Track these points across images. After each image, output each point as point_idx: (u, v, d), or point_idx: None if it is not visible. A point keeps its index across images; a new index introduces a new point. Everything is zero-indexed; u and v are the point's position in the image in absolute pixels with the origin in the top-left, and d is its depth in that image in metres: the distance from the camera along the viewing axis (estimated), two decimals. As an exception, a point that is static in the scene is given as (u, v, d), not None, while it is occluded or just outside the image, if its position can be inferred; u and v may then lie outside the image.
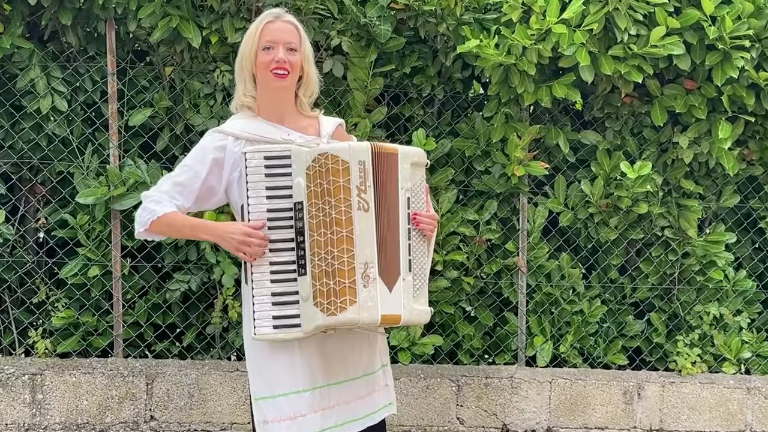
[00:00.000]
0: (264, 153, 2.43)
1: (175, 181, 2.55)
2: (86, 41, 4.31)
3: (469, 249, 4.55)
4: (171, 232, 2.57)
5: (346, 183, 2.39)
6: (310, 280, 2.39)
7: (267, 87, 2.61)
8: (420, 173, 2.56)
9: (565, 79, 4.37)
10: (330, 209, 2.37)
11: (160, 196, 2.54)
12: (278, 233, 2.43)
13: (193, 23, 4.10)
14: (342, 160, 2.39)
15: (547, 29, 4.19)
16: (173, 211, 2.51)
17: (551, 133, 4.61)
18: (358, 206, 2.38)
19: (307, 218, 2.40)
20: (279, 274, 2.42)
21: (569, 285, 4.68)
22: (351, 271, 2.37)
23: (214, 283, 4.34)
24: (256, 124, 2.60)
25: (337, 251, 2.36)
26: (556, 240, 4.76)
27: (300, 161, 2.41)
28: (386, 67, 4.39)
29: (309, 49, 2.67)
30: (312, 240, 2.39)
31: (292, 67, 2.59)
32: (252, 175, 2.41)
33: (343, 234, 2.36)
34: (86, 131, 4.27)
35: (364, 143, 2.44)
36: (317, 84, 2.70)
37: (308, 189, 2.39)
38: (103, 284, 4.24)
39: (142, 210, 2.54)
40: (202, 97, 4.28)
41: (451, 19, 4.32)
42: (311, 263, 2.39)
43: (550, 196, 4.68)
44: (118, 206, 4.18)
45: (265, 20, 2.62)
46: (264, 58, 2.58)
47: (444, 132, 4.60)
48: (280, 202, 2.43)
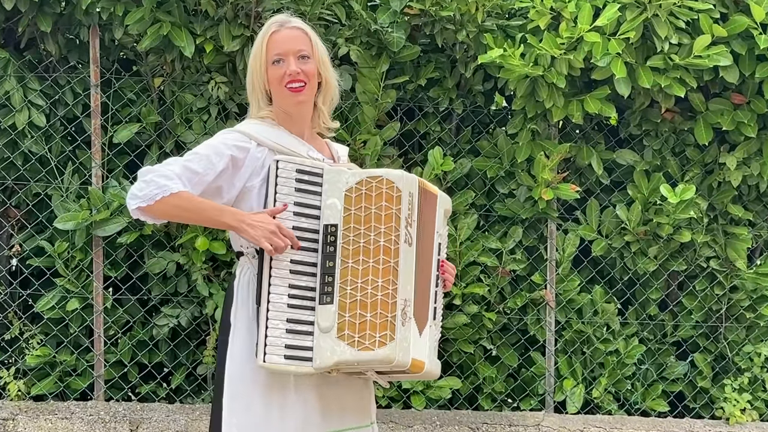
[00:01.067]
0: (297, 165, 2.45)
1: (187, 166, 2.44)
2: (67, 49, 4.31)
3: (491, 281, 4.56)
4: (181, 213, 2.45)
5: (398, 212, 2.43)
6: (336, 310, 2.39)
7: (284, 103, 2.60)
8: (447, 223, 2.69)
9: (599, 92, 4.40)
10: (377, 236, 2.40)
11: (169, 172, 2.41)
12: (302, 255, 2.43)
13: (185, 30, 4.11)
14: (396, 186, 2.42)
15: (579, 37, 4.21)
16: (187, 191, 2.40)
17: (583, 152, 4.63)
18: (405, 239, 2.42)
19: (341, 243, 2.41)
20: (297, 299, 2.40)
21: (603, 322, 4.69)
22: (393, 305, 2.38)
23: (207, 318, 4.32)
24: (278, 133, 2.58)
25: (381, 281, 2.38)
26: (588, 271, 4.76)
27: (335, 182, 2.44)
28: (399, 78, 4.42)
29: (323, 51, 2.65)
30: (345, 267, 2.40)
31: (307, 77, 2.57)
32: (282, 186, 2.42)
33: (390, 264, 2.39)
34: (66, 149, 4.27)
35: (412, 175, 2.48)
36: (337, 89, 2.69)
37: (346, 212, 2.42)
38: (83, 319, 4.22)
39: (146, 183, 2.39)
40: (195, 111, 4.29)
41: (471, 25, 4.33)
42: (340, 292, 2.39)
43: (581, 222, 4.69)
44: (100, 232, 4.17)
45: (269, 32, 2.60)
46: (275, 73, 2.56)
47: (463, 150, 4.62)
48: (306, 222, 2.44)
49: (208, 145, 2.51)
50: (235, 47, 4.13)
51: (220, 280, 4.30)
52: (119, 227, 4.16)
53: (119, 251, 4.25)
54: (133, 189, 2.42)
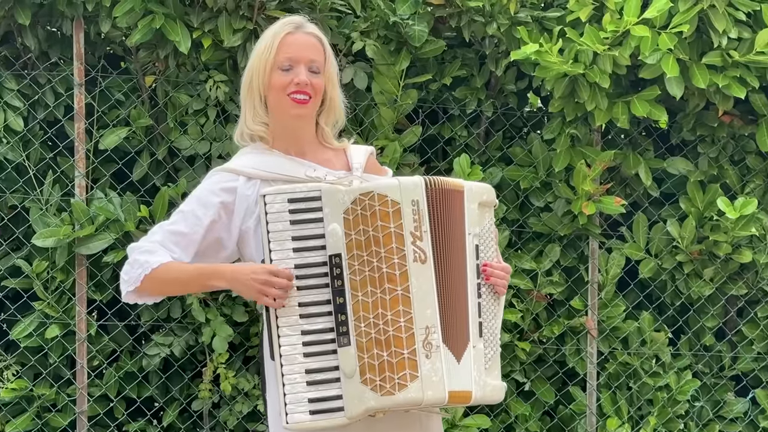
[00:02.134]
0: (288, 194, 2.43)
1: (170, 230, 2.55)
2: (48, 44, 4.30)
3: (525, 306, 4.54)
4: (170, 287, 2.59)
5: (398, 228, 2.40)
6: (355, 351, 2.39)
7: (282, 114, 2.61)
8: (489, 215, 2.61)
9: (648, 93, 4.39)
10: (379, 262, 2.39)
11: (151, 246, 2.53)
12: (310, 295, 2.43)
13: (180, 23, 4.10)
14: (391, 200, 2.40)
15: (625, 31, 4.19)
16: (171, 261, 2.50)
17: (629, 160, 4.61)
18: (414, 257, 2.39)
19: (348, 274, 2.41)
20: (314, 345, 2.41)
21: (652, 353, 4.67)
22: (410, 339, 2.37)
23: (203, 347, 4.30)
24: (272, 159, 2.61)
25: (391, 314, 2.38)
26: (634, 296, 4.76)
27: (334, 203, 2.42)
28: (421, 77, 4.42)
29: (334, 67, 2.69)
30: (356, 302, 2.40)
31: (314, 92, 2.60)
32: (274, 222, 2.41)
33: (398, 292, 2.38)
34: (46, 156, 4.26)
35: (416, 178, 2.46)
36: (343, 111, 2.73)
37: (348, 238, 2.41)
38: (64, 348, 4.21)
39: (130, 265, 2.53)
40: (191, 113, 4.29)
41: (503, 17, 4.32)
42: (356, 331, 2.40)
43: (627, 240, 4.68)
44: (84, 250, 4.15)
45: (283, 31, 2.61)
46: (281, 78, 2.58)
47: (493, 158, 4.62)
48: (310, 256, 2.43)
49: (192, 197, 2.59)
50: (236, 42, 4.11)
51: (218, 305, 4.27)
52: (105, 244, 4.14)
53: (105, 271, 4.23)
54: (122, 273, 2.55)
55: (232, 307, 4.24)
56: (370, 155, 2.78)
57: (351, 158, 2.72)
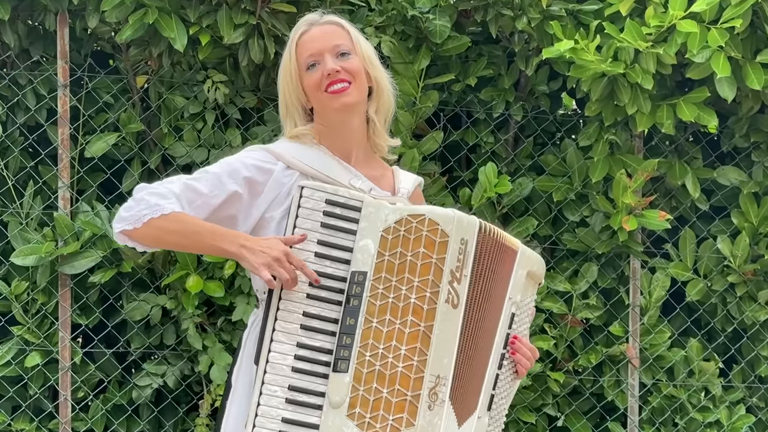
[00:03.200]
0: (328, 195, 2.45)
1: (189, 184, 2.53)
2: (29, 41, 4.32)
3: (558, 332, 4.52)
4: (173, 239, 2.53)
5: (440, 262, 2.41)
6: (350, 380, 2.39)
7: (328, 112, 2.63)
8: (532, 290, 2.68)
9: (696, 95, 4.37)
10: (409, 291, 2.40)
11: (165, 190, 2.50)
12: (318, 307, 2.43)
13: (176, 18, 4.10)
14: (442, 230, 2.42)
15: (670, 26, 4.17)
16: (183, 212, 2.48)
17: (675, 169, 4.60)
18: (446, 297, 2.41)
19: (368, 296, 2.41)
20: (306, 362, 2.40)
21: (700, 385, 4.64)
22: (417, 381, 2.38)
23: (200, 376, 4.29)
24: (314, 154, 2.62)
25: (405, 350, 2.39)
26: (681, 320, 4.74)
27: (375, 219, 2.44)
28: (443, 77, 4.43)
29: (368, 47, 2.68)
30: (368, 327, 2.40)
31: (353, 75, 2.59)
32: (303, 218, 2.43)
33: (420, 329, 2.39)
34: (26, 164, 4.27)
35: (471, 216, 2.49)
36: (392, 95, 2.71)
37: (380, 258, 2.42)
38: (46, 377, 4.20)
39: (135, 201, 2.50)
40: (187, 117, 4.30)
41: (534, 11, 4.33)
42: (358, 358, 2.40)
43: (672, 258, 4.67)
44: (68, 269, 4.15)
45: (297, 34, 2.65)
46: (311, 78, 2.60)
47: (523, 167, 4.62)
48: (331, 266, 2.44)
49: (223, 162, 2.58)
50: (238, 39, 4.10)
51: (216, 330, 4.27)
52: (92, 263, 4.14)
53: (91, 293, 4.22)
54: (120, 209, 2.50)
55: (231, 333, 4.23)
56: (418, 186, 2.81)
57: (399, 182, 2.73)
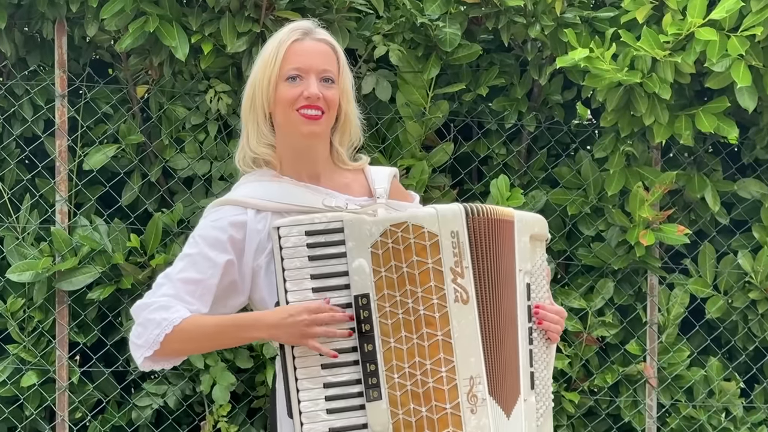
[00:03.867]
0: (305, 226, 2.42)
1: (180, 278, 2.48)
2: (26, 50, 4.34)
3: (573, 351, 4.50)
4: (197, 345, 2.55)
5: (437, 264, 2.41)
6: (388, 406, 2.40)
7: (291, 133, 2.56)
8: (540, 251, 2.65)
9: (715, 105, 4.36)
10: (415, 303, 2.41)
11: (164, 300, 2.45)
12: (333, 341, 2.42)
13: (177, 26, 4.10)
14: (428, 231, 2.41)
15: (689, 34, 4.15)
16: (192, 315, 2.44)
17: (694, 182, 4.59)
18: (454, 297, 2.41)
19: (378, 317, 2.41)
20: (338, 400, 2.40)
21: (721, 405, 4.65)
22: (452, 391, 2.39)
23: (201, 397, 4.29)
24: (281, 187, 2.57)
25: (430, 363, 2.40)
26: (700, 339, 4.73)
27: (360, 235, 2.43)
28: (453, 86, 4.42)
29: (349, 79, 2.66)
30: (388, 349, 2.41)
31: (328, 106, 2.55)
32: (290, 259, 2.40)
33: (438, 338, 2.40)
34: (23, 177, 4.28)
35: (454, 205, 2.48)
36: (359, 129, 2.69)
37: (377, 275, 2.42)
38: (43, 397, 4.19)
39: (143, 326, 2.45)
40: (189, 128, 4.30)
41: (547, 18, 4.32)
42: (388, 382, 2.41)
43: (692, 274, 4.66)
44: (66, 285, 4.14)
45: (290, 39, 2.57)
46: (288, 92, 2.53)
47: (536, 179, 4.60)
48: (333, 296, 2.42)
49: (196, 238, 2.53)
50: (241, 47, 4.09)
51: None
52: (90, 279, 4.13)
53: (90, 310, 4.21)
54: (131, 337, 2.48)
55: (234, 352, 4.21)
56: (394, 178, 2.75)
57: (373, 182, 2.69)
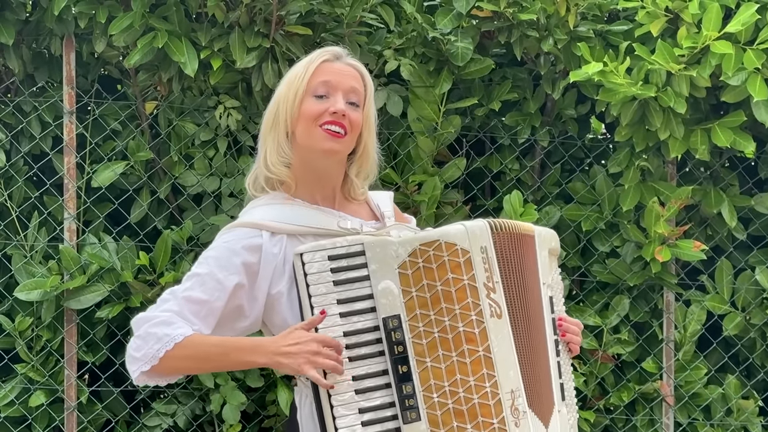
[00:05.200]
0: (327, 251, 2.44)
1: (186, 297, 2.48)
2: (34, 66, 4.36)
3: (588, 369, 4.51)
4: (194, 365, 2.53)
5: (472, 281, 2.45)
6: (428, 426, 2.43)
7: (311, 149, 2.57)
8: (555, 264, 2.73)
9: (731, 119, 4.37)
10: (453, 320, 2.44)
11: (167, 316, 2.45)
12: (364, 366, 2.45)
13: (186, 41, 4.12)
14: (461, 249, 2.45)
15: (704, 47, 4.17)
16: (195, 334, 2.44)
17: (710, 197, 4.61)
18: (490, 312, 2.46)
19: (411, 338, 2.44)
20: (375, 425, 2.42)
21: (739, 424, 4.63)
22: (497, 406, 2.44)
23: (211, 416, 4.30)
24: (295, 210, 2.59)
25: (474, 380, 2.43)
26: (718, 356, 4.72)
27: (384, 258, 2.46)
28: (465, 101, 4.42)
29: (373, 111, 2.69)
30: (424, 369, 2.44)
31: (351, 127, 2.57)
32: (315, 285, 2.42)
33: (480, 354, 2.44)
34: (31, 195, 4.30)
35: (479, 221, 2.52)
36: (376, 163, 2.71)
37: (407, 296, 2.45)
38: (51, 417, 4.20)
39: (143, 339, 2.45)
40: (198, 145, 4.32)
41: (560, 32, 4.33)
42: (426, 402, 2.44)
43: (708, 290, 4.67)
44: (74, 304, 4.15)
45: (320, 58, 2.61)
46: (313, 106, 2.56)
47: (550, 195, 4.62)
48: (360, 321, 2.45)
49: (208, 258, 2.53)
50: (251, 63, 4.10)
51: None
52: (98, 297, 4.14)
53: (98, 329, 4.21)
54: (129, 349, 2.48)
55: (245, 371, 4.19)
56: (391, 201, 2.80)
57: (377, 206, 2.72)
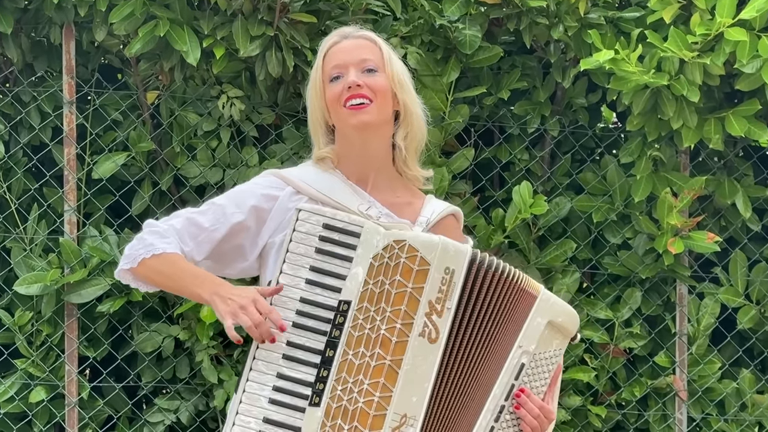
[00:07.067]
0: (325, 219, 2.50)
1: (192, 219, 2.66)
2: (33, 55, 4.35)
3: (600, 363, 4.52)
4: (161, 280, 2.65)
5: (416, 291, 2.45)
6: (322, 415, 2.45)
7: (346, 130, 2.67)
8: (556, 344, 2.61)
9: (746, 108, 4.37)
10: (381, 322, 2.46)
11: (166, 228, 2.64)
12: (305, 337, 2.48)
13: (188, 29, 4.12)
14: (421, 257, 2.45)
15: (718, 35, 4.17)
16: (177, 253, 2.60)
17: (724, 187, 4.62)
18: (421, 330, 2.44)
19: (349, 327, 2.47)
20: (285, 394, 2.46)
21: (754, 419, 4.66)
22: (378, 419, 2.43)
23: (215, 412, 4.29)
24: (328, 178, 2.69)
25: (368, 384, 2.45)
26: (732, 350, 4.74)
27: (369, 245, 2.49)
28: (474, 90, 4.42)
29: (401, 68, 2.71)
30: (345, 360, 2.47)
31: (374, 93, 2.61)
32: (298, 243, 2.48)
33: (386, 362, 2.45)
34: (30, 187, 4.30)
35: (463, 246, 2.51)
36: (424, 122, 2.75)
37: (365, 286, 2.47)
38: (52, 414, 4.21)
39: (138, 241, 2.65)
40: (201, 135, 4.32)
41: (571, 18, 4.33)
42: (332, 392, 2.46)
43: (722, 283, 4.67)
44: (75, 298, 4.17)
45: (327, 44, 2.71)
46: (332, 90, 2.65)
47: (560, 186, 4.62)
48: (322, 294, 2.48)
49: (233, 191, 2.71)
50: (254, 51, 4.10)
51: (233, 362, 4.27)
52: (100, 291, 4.16)
53: (100, 323, 4.23)
54: (126, 247, 2.66)
55: None
56: (451, 216, 2.77)
57: (423, 211, 2.71)
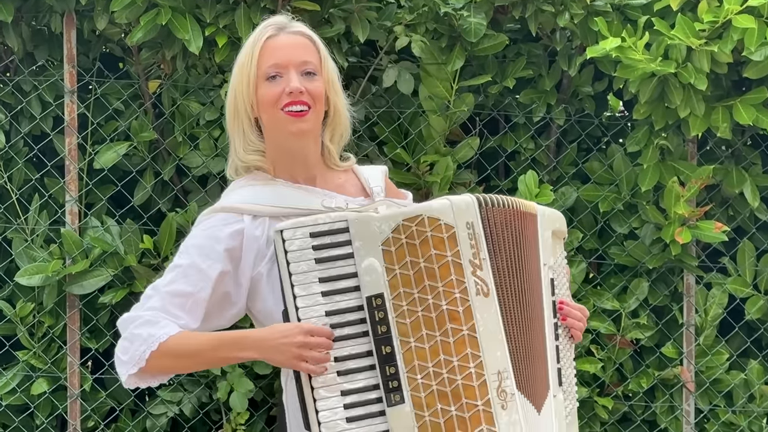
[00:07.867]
0: (309, 227, 2.42)
1: (169, 291, 2.50)
2: (34, 44, 4.36)
3: (606, 354, 4.52)
4: (183, 363, 2.54)
5: (456, 257, 2.42)
6: (412, 409, 2.40)
7: (280, 134, 2.57)
8: (560, 247, 2.69)
9: (754, 96, 4.39)
10: (436, 298, 2.42)
11: (151, 315, 2.48)
12: (347, 347, 2.42)
13: (190, 18, 4.13)
14: (445, 224, 2.43)
15: (726, 22, 4.18)
16: (181, 332, 2.46)
17: (732, 176, 4.62)
18: (476, 290, 2.43)
19: (395, 317, 2.42)
20: (358, 408, 2.39)
21: (762, 411, 4.65)
22: (482, 387, 2.41)
23: (218, 404, 4.32)
24: (277, 190, 2.60)
25: (457, 360, 2.40)
26: (740, 341, 4.74)
27: (368, 234, 2.44)
28: (479, 78, 4.42)
29: (332, 68, 2.66)
30: (408, 349, 2.42)
31: (314, 100, 2.56)
32: (296, 263, 2.40)
33: (464, 333, 2.41)
34: (31, 177, 4.31)
35: (466, 196, 2.49)
36: (348, 121, 2.69)
37: (390, 274, 2.42)
38: (54, 406, 4.23)
39: (128, 341, 2.48)
40: (203, 125, 4.31)
41: (577, 6, 4.34)
42: (411, 384, 2.41)
43: (730, 273, 4.67)
44: (77, 289, 4.18)
45: (263, 36, 2.58)
46: (269, 91, 2.54)
47: (566, 175, 4.63)
48: (343, 300, 2.43)
49: (189, 247, 2.54)
50: None
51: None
52: (101, 282, 4.17)
53: (102, 314, 4.24)
54: (116, 352, 2.49)
55: None
56: (385, 176, 2.79)
57: (366, 181, 2.71)
